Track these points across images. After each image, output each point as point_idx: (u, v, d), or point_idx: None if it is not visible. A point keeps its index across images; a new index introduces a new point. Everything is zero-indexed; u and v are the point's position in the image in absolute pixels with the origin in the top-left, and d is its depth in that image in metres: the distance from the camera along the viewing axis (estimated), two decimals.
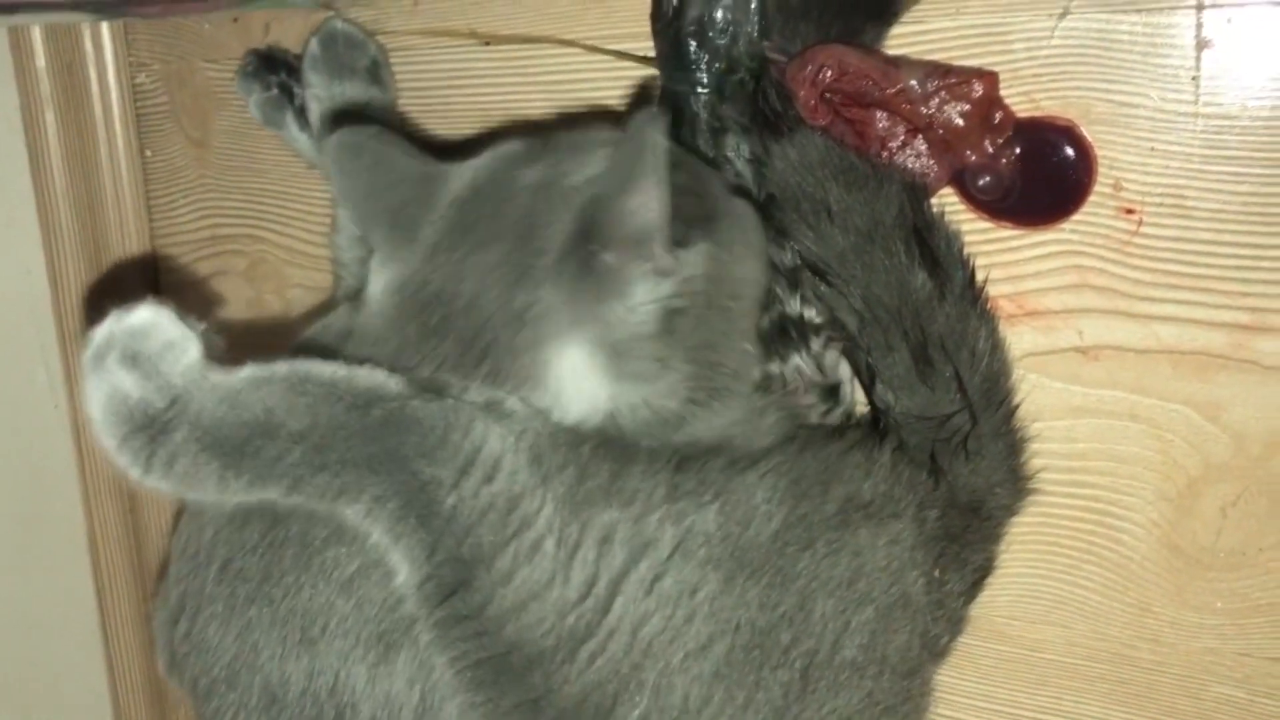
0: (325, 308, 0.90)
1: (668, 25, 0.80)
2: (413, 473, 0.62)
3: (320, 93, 0.91)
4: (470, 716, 0.64)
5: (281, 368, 0.63)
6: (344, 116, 0.86)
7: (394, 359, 0.68)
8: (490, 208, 0.70)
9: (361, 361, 0.66)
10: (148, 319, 0.62)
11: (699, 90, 0.79)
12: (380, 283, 0.72)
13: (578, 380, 0.67)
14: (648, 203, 0.62)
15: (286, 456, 0.61)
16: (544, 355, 0.66)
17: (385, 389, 0.64)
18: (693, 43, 0.79)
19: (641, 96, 0.86)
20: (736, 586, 0.65)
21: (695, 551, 0.65)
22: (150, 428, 0.60)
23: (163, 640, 0.73)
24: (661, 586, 0.64)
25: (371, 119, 0.86)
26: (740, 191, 0.78)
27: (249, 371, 0.63)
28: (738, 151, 0.80)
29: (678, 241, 0.66)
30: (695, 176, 0.73)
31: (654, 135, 0.62)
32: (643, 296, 0.66)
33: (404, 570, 0.63)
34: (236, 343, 0.96)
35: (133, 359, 0.61)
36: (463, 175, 0.73)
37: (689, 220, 0.67)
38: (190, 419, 0.60)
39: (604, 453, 0.66)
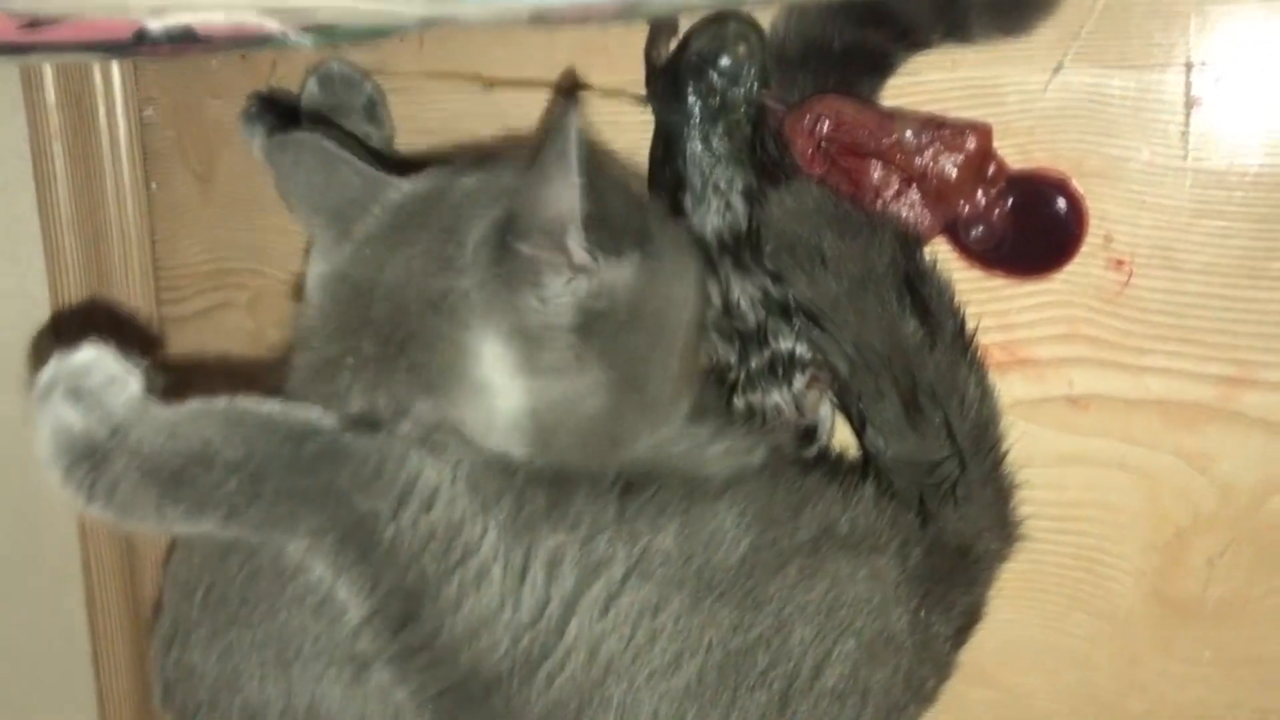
0: None
1: (666, 59, 0.82)
2: (349, 506, 0.63)
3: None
4: None
5: (220, 402, 0.65)
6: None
7: (322, 352, 0.70)
8: (422, 208, 0.72)
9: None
10: (90, 357, 0.64)
11: (693, 123, 0.80)
12: (313, 276, 0.75)
13: (495, 371, 0.67)
14: (561, 193, 0.63)
15: (223, 486, 0.62)
16: (461, 345, 0.67)
17: (319, 424, 0.65)
18: (690, 76, 0.80)
19: (567, 95, 0.88)
20: (704, 607, 0.66)
21: (653, 572, 0.66)
22: (93, 456, 0.62)
23: (156, 669, 0.74)
24: (618, 606, 0.65)
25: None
26: (676, 223, 0.80)
27: (189, 406, 0.64)
28: (731, 184, 0.81)
29: (608, 249, 0.66)
30: (633, 197, 0.76)
31: (571, 129, 0.62)
32: (557, 289, 0.66)
33: (351, 605, 0.64)
34: (238, 376, 0.97)
35: (75, 393, 0.63)
36: (404, 184, 0.75)
37: (621, 231, 0.68)
38: (130, 448, 0.62)
39: (538, 479, 0.67)
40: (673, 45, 0.82)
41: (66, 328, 1.13)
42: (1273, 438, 0.77)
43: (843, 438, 0.85)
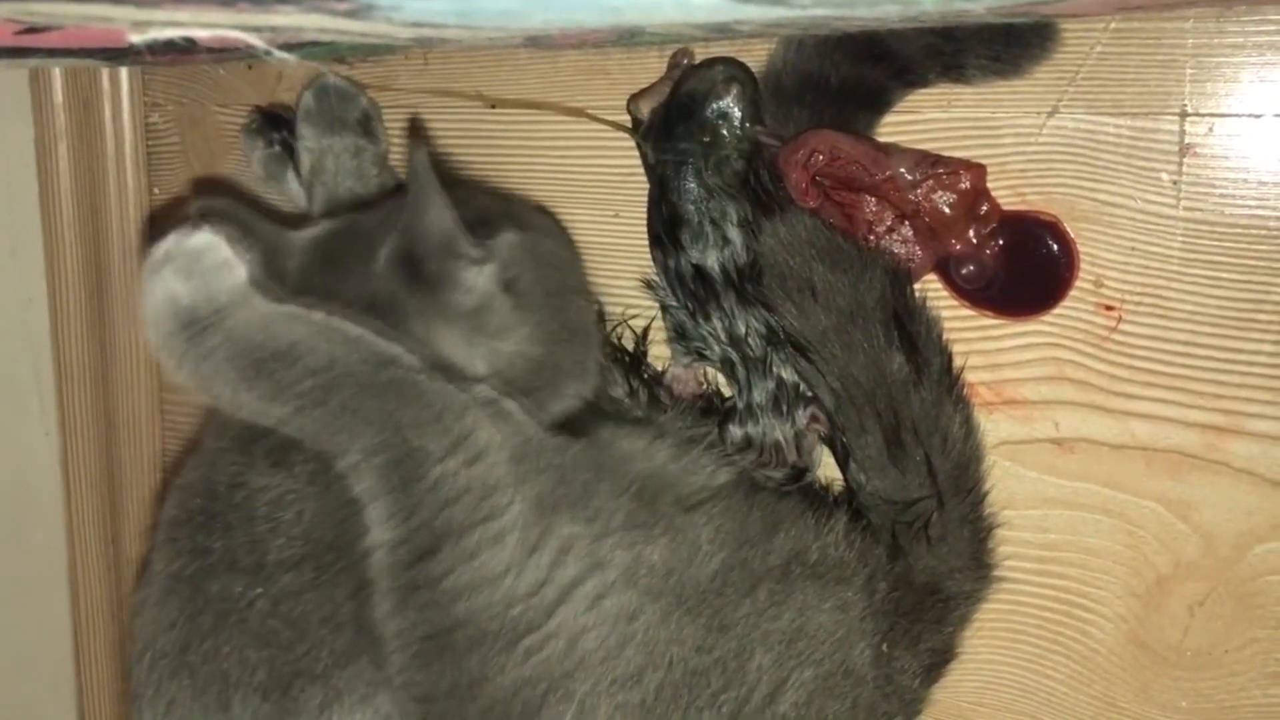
0: None
1: (649, 115, 0.83)
2: (404, 438, 0.67)
3: (311, 144, 0.94)
4: (405, 707, 0.68)
5: (318, 314, 0.70)
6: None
7: None
8: (338, 246, 0.78)
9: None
10: (206, 240, 0.69)
11: (686, 161, 0.81)
12: None
13: (455, 350, 0.73)
14: (439, 216, 0.71)
15: (298, 386, 0.67)
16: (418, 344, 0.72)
17: (400, 357, 0.70)
18: (681, 117, 0.81)
19: (414, 138, 0.98)
20: (673, 621, 0.69)
21: (638, 580, 0.69)
22: (191, 329, 0.67)
23: None
24: (603, 606, 0.68)
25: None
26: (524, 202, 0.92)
27: (288, 307, 0.69)
28: (725, 217, 0.82)
29: (486, 233, 0.75)
30: (487, 195, 0.88)
31: (426, 168, 0.70)
32: (473, 280, 0.73)
33: (379, 528, 0.67)
34: None
35: (187, 271, 0.68)
36: (310, 233, 0.80)
37: (490, 217, 0.77)
38: (226, 330, 0.67)
39: (584, 461, 0.72)
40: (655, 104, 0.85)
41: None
42: (1257, 488, 0.77)
43: (825, 469, 0.85)
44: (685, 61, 0.84)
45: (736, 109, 0.80)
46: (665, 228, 0.83)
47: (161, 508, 0.79)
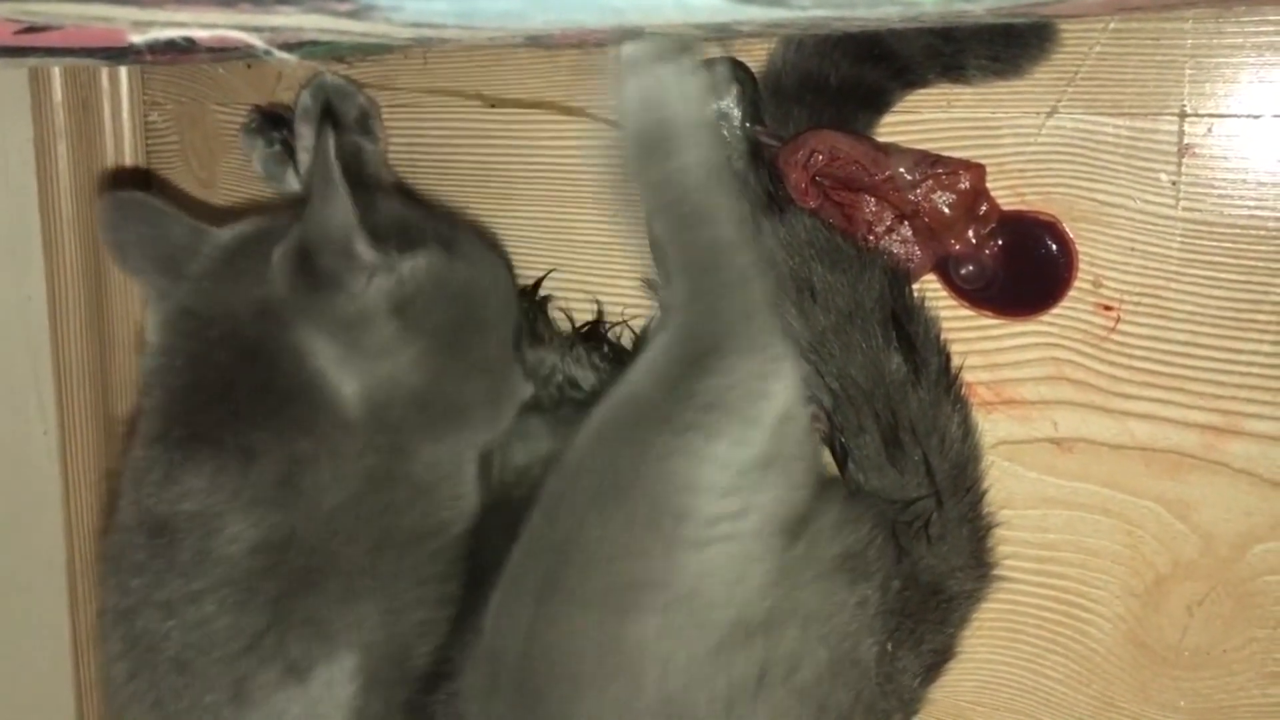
0: None
1: None
2: (715, 321, 0.69)
3: (309, 144, 0.94)
4: None
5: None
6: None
7: (181, 400, 0.74)
8: (246, 245, 0.77)
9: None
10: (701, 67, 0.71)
11: None
12: (154, 321, 0.79)
13: (327, 362, 0.72)
14: (336, 211, 0.69)
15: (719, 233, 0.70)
16: (291, 346, 0.72)
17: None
18: None
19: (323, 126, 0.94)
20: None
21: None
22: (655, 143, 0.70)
23: None
24: None
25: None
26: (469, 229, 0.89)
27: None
28: None
29: (400, 248, 0.73)
30: (415, 209, 0.84)
31: (330, 157, 0.68)
32: (360, 286, 0.72)
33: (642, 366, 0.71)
34: None
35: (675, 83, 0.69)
36: (232, 229, 0.80)
37: (415, 231, 0.76)
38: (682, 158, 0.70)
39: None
40: None
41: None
42: (1256, 488, 0.77)
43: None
44: None
45: (736, 109, 0.80)
46: None
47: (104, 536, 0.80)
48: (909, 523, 0.76)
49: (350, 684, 0.72)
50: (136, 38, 0.43)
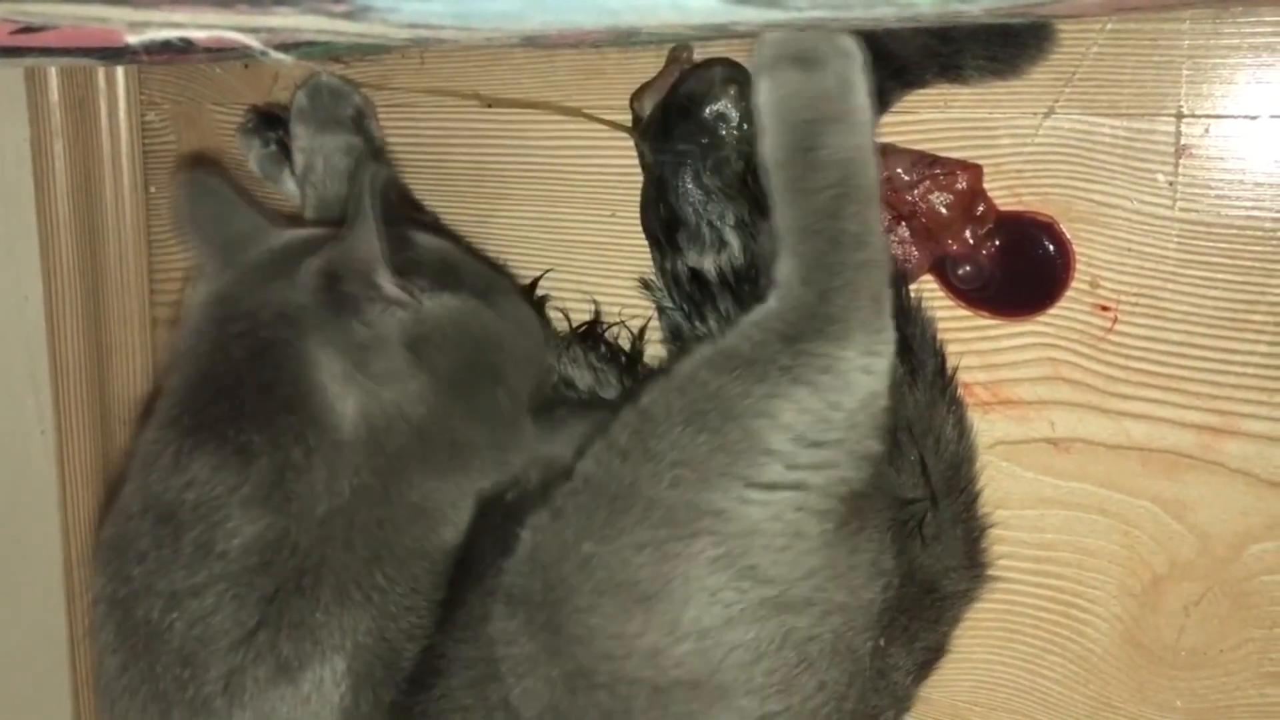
0: None
1: (650, 110, 0.83)
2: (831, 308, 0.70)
3: (305, 144, 0.94)
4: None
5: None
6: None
7: (193, 389, 0.75)
8: (295, 250, 0.77)
9: None
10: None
11: (684, 162, 0.81)
12: (196, 297, 0.80)
13: (330, 378, 0.73)
14: (365, 239, 0.70)
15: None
16: (301, 353, 0.73)
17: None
18: (679, 118, 0.81)
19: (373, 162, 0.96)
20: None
21: None
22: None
23: None
24: None
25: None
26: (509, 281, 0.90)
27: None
28: (723, 219, 0.82)
29: (425, 287, 0.74)
30: (475, 260, 0.84)
31: (367, 191, 0.69)
32: (375, 315, 0.73)
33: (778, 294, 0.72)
34: None
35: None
36: (289, 233, 0.81)
37: (441, 274, 0.76)
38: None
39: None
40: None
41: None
42: (1252, 488, 0.77)
43: None
44: (685, 55, 0.84)
45: (734, 110, 0.80)
46: (663, 229, 0.83)
47: (101, 527, 0.79)
48: (905, 522, 0.76)
49: (339, 685, 0.72)
50: (132, 38, 0.43)
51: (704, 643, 0.67)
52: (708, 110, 0.80)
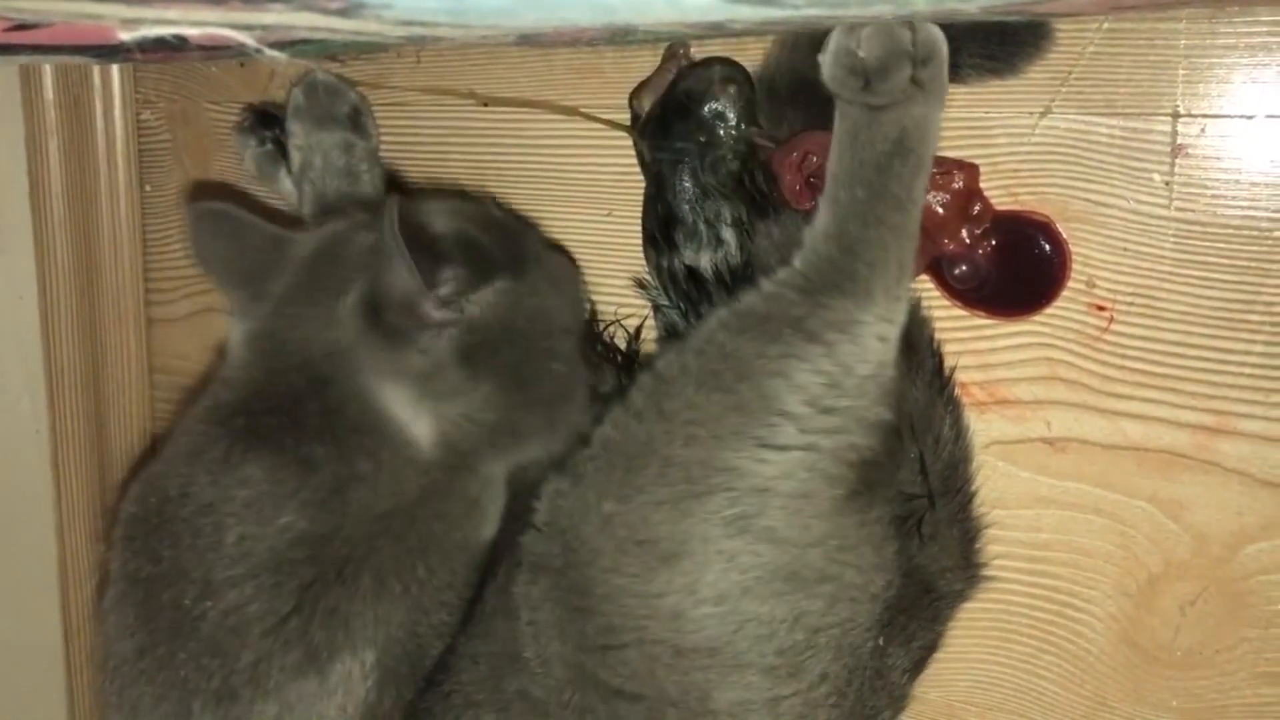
0: None
1: (650, 106, 0.83)
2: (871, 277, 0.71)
3: (301, 141, 0.94)
4: None
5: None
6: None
7: (250, 400, 0.75)
8: (321, 265, 0.78)
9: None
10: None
11: (682, 160, 0.81)
12: (237, 335, 0.80)
13: (400, 407, 0.74)
14: (401, 272, 0.71)
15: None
16: (363, 389, 0.74)
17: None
18: (678, 116, 0.81)
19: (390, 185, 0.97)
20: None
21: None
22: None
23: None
24: None
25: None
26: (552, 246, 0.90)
27: None
28: (720, 217, 0.82)
29: (474, 284, 0.75)
30: (496, 222, 0.83)
31: (393, 224, 0.69)
32: (428, 342, 0.74)
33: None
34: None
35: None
36: (310, 240, 0.80)
37: (475, 261, 0.75)
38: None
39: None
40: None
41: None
42: (1248, 488, 0.77)
43: None
44: (682, 52, 0.83)
45: (732, 110, 0.80)
46: (660, 227, 0.83)
47: (122, 502, 0.79)
48: (905, 519, 0.76)
49: (367, 679, 0.73)
50: (126, 35, 0.43)
51: (722, 607, 0.68)
52: (706, 109, 0.80)
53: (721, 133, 0.80)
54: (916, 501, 0.76)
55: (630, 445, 0.71)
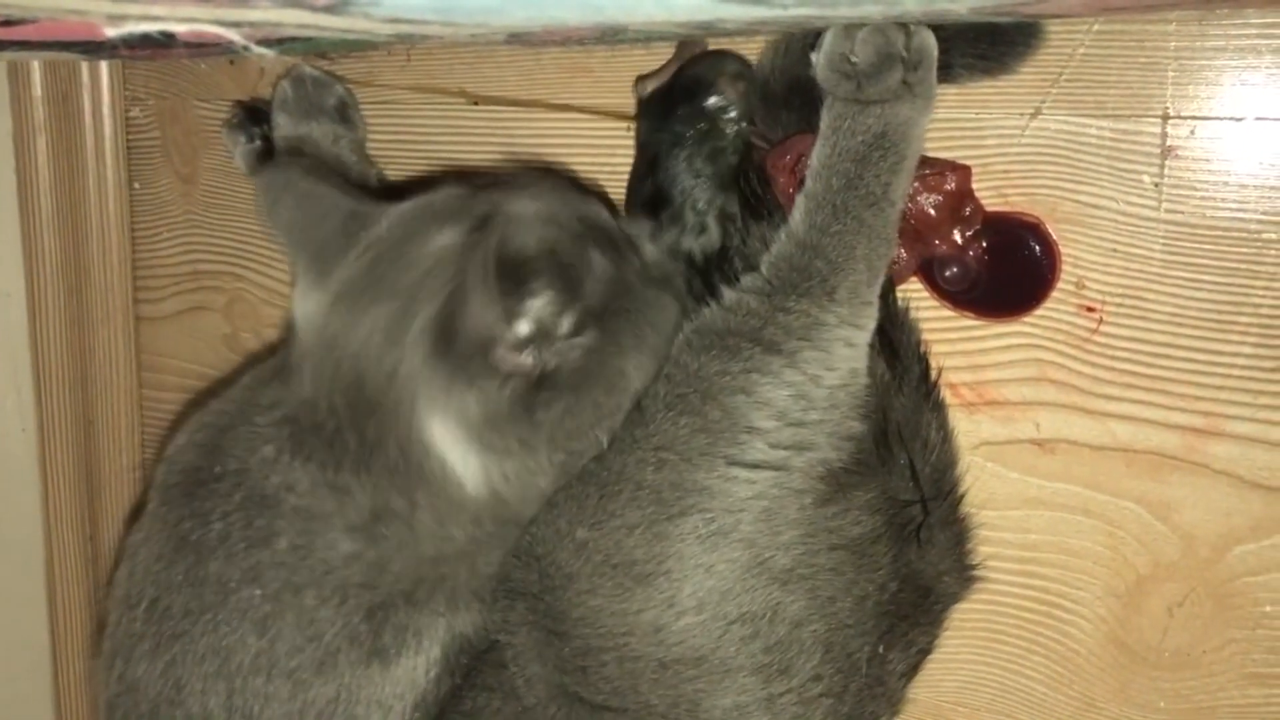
0: None
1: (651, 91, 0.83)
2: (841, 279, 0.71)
3: (286, 132, 0.94)
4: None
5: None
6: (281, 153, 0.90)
7: (298, 411, 0.72)
8: (395, 263, 0.72)
9: None
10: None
11: (679, 143, 0.81)
12: (301, 311, 0.75)
13: (450, 449, 0.69)
14: (486, 311, 0.65)
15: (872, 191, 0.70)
16: (415, 422, 0.69)
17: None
18: (683, 99, 0.81)
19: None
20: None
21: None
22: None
23: (100, 690, 0.76)
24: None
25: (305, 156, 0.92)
26: (662, 283, 0.78)
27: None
28: (709, 206, 0.81)
29: (561, 334, 0.67)
30: (615, 261, 0.74)
31: (493, 255, 0.64)
32: (491, 392, 0.67)
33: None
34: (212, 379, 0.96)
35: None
36: (386, 218, 0.74)
37: (588, 309, 0.69)
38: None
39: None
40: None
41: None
42: (1236, 490, 0.77)
43: None
44: (697, 51, 0.83)
45: (736, 106, 0.79)
46: (645, 207, 0.83)
47: (172, 436, 0.78)
48: (902, 525, 0.75)
49: (429, 672, 0.73)
50: (111, 31, 0.43)
51: (703, 615, 0.68)
52: (712, 98, 0.79)
53: (722, 125, 0.80)
54: (911, 507, 0.76)
55: (602, 473, 0.70)
